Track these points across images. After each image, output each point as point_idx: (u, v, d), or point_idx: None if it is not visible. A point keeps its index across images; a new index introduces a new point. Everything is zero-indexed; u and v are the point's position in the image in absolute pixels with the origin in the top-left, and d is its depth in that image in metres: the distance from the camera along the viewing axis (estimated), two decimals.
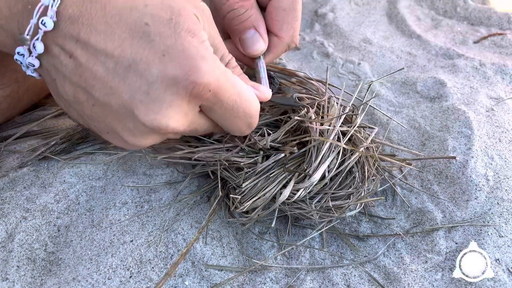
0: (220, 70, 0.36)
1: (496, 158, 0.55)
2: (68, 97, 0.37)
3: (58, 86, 0.37)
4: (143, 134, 0.37)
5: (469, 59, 0.76)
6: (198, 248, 0.46)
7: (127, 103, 0.35)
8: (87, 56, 0.34)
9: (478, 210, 0.50)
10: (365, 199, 0.47)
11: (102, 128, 0.39)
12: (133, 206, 0.50)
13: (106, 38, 0.34)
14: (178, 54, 0.34)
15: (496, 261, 0.46)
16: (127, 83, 0.34)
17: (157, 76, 0.34)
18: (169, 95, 0.34)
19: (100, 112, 0.37)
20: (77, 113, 0.39)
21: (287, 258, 0.47)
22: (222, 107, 0.38)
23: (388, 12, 0.92)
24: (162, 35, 0.34)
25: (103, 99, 0.35)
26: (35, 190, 0.50)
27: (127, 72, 0.34)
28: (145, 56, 0.34)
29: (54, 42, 0.35)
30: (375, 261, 0.47)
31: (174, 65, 0.34)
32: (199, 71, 0.34)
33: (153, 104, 0.34)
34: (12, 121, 0.60)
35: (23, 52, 0.35)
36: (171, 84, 0.34)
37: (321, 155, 0.45)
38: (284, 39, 0.48)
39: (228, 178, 0.48)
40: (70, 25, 0.34)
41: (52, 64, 0.36)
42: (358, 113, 0.51)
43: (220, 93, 0.36)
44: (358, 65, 0.76)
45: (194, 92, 0.35)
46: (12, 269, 0.44)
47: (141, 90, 0.34)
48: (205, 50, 0.35)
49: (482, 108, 0.63)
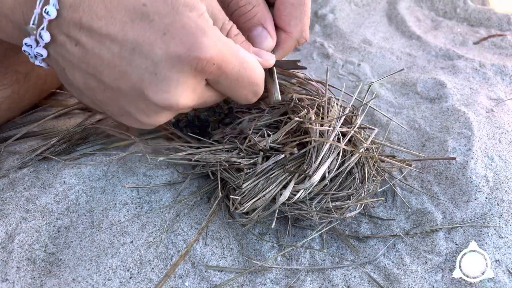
0: (221, 41, 0.36)
1: (496, 159, 0.55)
2: (79, 84, 0.38)
3: (68, 75, 0.38)
4: (156, 113, 0.38)
5: (469, 60, 0.76)
6: (198, 249, 0.46)
7: (137, 85, 0.35)
8: (92, 42, 0.35)
9: (478, 211, 0.50)
10: (365, 200, 0.47)
11: (116, 111, 0.39)
12: (133, 207, 0.50)
13: (107, 23, 0.34)
14: (178, 31, 0.34)
15: (496, 262, 0.45)
16: (133, 65, 0.35)
17: (161, 56, 0.34)
18: (176, 73, 0.35)
19: (112, 96, 0.37)
20: (90, 99, 0.40)
21: (287, 259, 0.47)
22: (227, 78, 0.38)
23: (388, 13, 0.93)
24: (160, 14, 0.34)
25: (113, 83, 0.36)
26: (35, 191, 0.50)
27: (132, 54, 0.35)
28: (147, 37, 0.34)
29: (60, 30, 0.35)
30: (375, 262, 0.47)
31: (176, 43, 0.34)
32: (201, 46, 0.34)
33: (161, 84, 0.35)
34: (13, 122, 0.60)
35: (31, 42, 0.36)
36: (176, 62, 0.34)
37: (321, 156, 0.45)
38: (293, 35, 0.47)
39: (228, 179, 0.48)
40: (72, 12, 0.34)
41: (60, 53, 0.36)
42: (358, 114, 0.51)
43: (224, 65, 0.37)
44: (358, 66, 0.76)
45: (198, 67, 0.35)
46: (12, 270, 0.44)
47: (148, 71, 0.35)
48: (205, 23, 0.35)
49: (482, 109, 0.63)
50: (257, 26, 0.46)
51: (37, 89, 0.60)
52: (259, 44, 0.47)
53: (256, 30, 0.46)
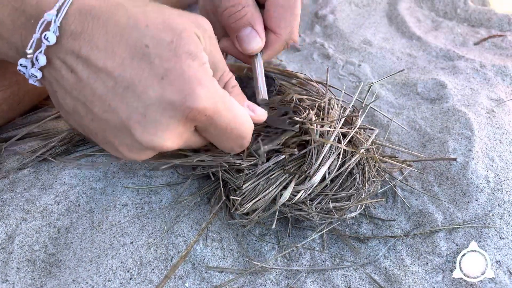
0: (217, 94, 0.36)
1: (496, 159, 0.55)
2: (68, 108, 0.38)
3: (59, 98, 0.38)
4: (139, 150, 0.38)
5: (470, 60, 0.76)
6: (198, 249, 0.46)
7: (125, 122, 0.35)
8: (87, 72, 0.35)
9: (479, 212, 0.50)
10: (365, 200, 0.47)
11: (100, 140, 0.39)
12: (133, 207, 0.50)
13: (106, 56, 0.34)
14: (176, 78, 0.34)
15: (497, 263, 0.45)
16: (125, 102, 0.35)
17: (155, 99, 0.34)
18: (166, 118, 0.35)
19: (98, 127, 0.37)
20: (77, 124, 0.40)
21: (287, 260, 0.47)
22: (216, 129, 0.38)
23: (388, 13, 0.92)
24: (162, 58, 0.34)
25: (102, 115, 0.36)
26: (35, 191, 0.50)
27: (125, 92, 0.34)
28: (144, 78, 0.34)
29: (56, 56, 0.35)
30: (375, 263, 0.47)
31: (172, 89, 0.34)
32: (197, 97, 0.34)
33: (149, 126, 0.35)
34: (12, 122, 0.60)
35: (26, 64, 0.36)
36: (168, 107, 0.34)
37: (321, 157, 0.45)
38: (282, 36, 0.48)
39: (229, 179, 0.48)
40: (72, 41, 0.34)
41: (54, 76, 0.36)
42: (359, 115, 0.51)
43: (216, 117, 0.37)
44: (359, 67, 0.76)
45: (190, 116, 0.35)
46: (12, 271, 0.43)
47: (139, 111, 0.34)
48: (204, 74, 0.35)
49: (483, 110, 0.63)
50: (246, 26, 0.46)
51: (37, 90, 0.60)
52: (248, 44, 0.47)
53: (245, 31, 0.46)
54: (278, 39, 0.48)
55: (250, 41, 0.46)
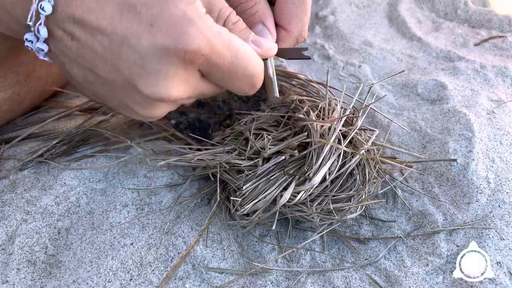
0: (212, 32, 0.35)
1: (497, 160, 0.55)
2: (79, 78, 0.38)
3: (68, 69, 0.38)
4: (152, 105, 0.37)
5: (470, 61, 0.76)
6: (199, 250, 0.46)
7: (128, 78, 0.35)
8: (85, 36, 0.35)
9: (479, 213, 0.50)
10: (366, 201, 0.47)
11: (117, 104, 0.39)
12: (134, 208, 0.50)
13: (98, 16, 0.34)
14: (165, 22, 0.34)
15: (497, 264, 0.45)
16: (123, 58, 0.34)
17: (148, 48, 0.34)
18: (163, 66, 0.34)
19: (110, 89, 0.37)
20: (91, 92, 0.40)
21: (287, 261, 0.47)
22: (219, 70, 0.37)
23: (389, 14, 0.92)
24: (147, 5, 0.34)
25: (108, 76, 0.36)
26: (35, 192, 0.50)
27: (121, 48, 0.34)
28: (134, 30, 0.34)
29: (56, 25, 0.35)
30: (376, 264, 0.47)
31: (162, 35, 0.34)
32: (188, 37, 0.34)
33: (150, 77, 0.34)
34: (13, 123, 0.60)
35: (31, 38, 0.36)
36: (163, 54, 0.34)
37: (321, 158, 0.45)
38: (293, 33, 0.47)
39: (229, 180, 0.48)
40: (66, 7, 0.34)
41: (58, 47, 0.36)
42: (359, 116, 0.51)
43: (214, 57, 0.36)
44: (359, 68, 0.76)
45: (187, 59, 0.34)
46: (12, 272, 0.43)
47: (137, 64, 0.34)
48: (194, 12, 0.35)
49: (483, 111, 0.63)
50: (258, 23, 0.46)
51: (38, 91, 0.60)
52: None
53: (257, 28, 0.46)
54: (289, 35, 0.47)
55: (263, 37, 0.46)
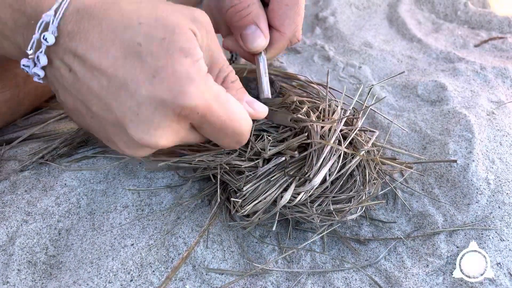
0: (210, 92, 0.36)
1: (497, 161, 0.55)
2: (70, 106, 0.39)
3: (60, 96, 0.39)
4: (136, 148, 0.38)
5: (470, 62, 0.76)
6: (199, 251, 0.46)
7: (119, 120, 0.35)
8: (84, 71, 0.35)
9: (479, 214, 0.50)
10: (366, 202, 0.47)
11: (102, 136, 0.40)
12: (134, 209, 0.50)
13: (100, 55, 0.34)
14: (167, 76, 0.34)
15: (497, 265, 0.45)
16: (119, 101, 0.35)
17: (146, 97, 0.34)
18: (158, 117, 0.35)
19: (98, 124, 0.38)
20: (79, 121, 0.40)
21: (288, 262, 0.47)
22: (210, 127, 0.38)
23: (389, 15, 0.93)
24: (153, 56, 0.34)
25: (100, 113, 0.36)
26: (36, 193, 0.50)
27: (119, 91, 0.35)
28: (136, 77, 0.34)
29: (56, 55, 0.36)
30: (376, 265, 0.47)
31: (163, 87, 0.34)
32: (187, 95, 0.34)
33: (142, 124, 0.35)
34: (13, 124, 0.60)
35: (28, 64, 0.37)
36: (160, 106, 0.34)
37: (322, 159, 0.45)
38: (286, 34, 0.47)
39: (229, 181, 0.48)
40: (69, 41, 0.35)
41: (54, 75, 0.37)
42: (359, 117, 0.51)
43: (209, 115, 0.37)
44: (359, 69, 0.76)
45: (182, 114, 0.35)
46: (13, 273, 0.43)
47: (131, 110, 0.35)
48: (196, 71, 0.35)
49: (483, 112, 0.63)
50: (250, 24, 0.46)
51: (37, 92, 0.61)
52: (252, 42, 0.47)
53: (250, 29, 0.46)
54: (282, 37, 0.48)
55: (254, 39, 0.46)
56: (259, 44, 0.47)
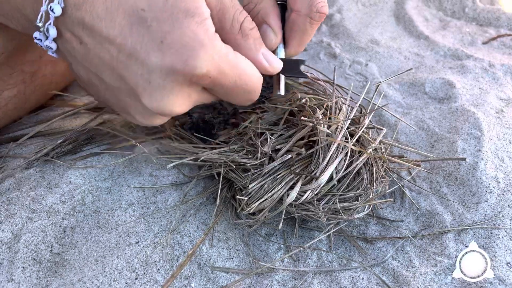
0: (220, 54, 0.36)
1: (506, 160, 0.54)
2: (84, 79, 0.39)
3: (74, 69, 0.39)
4: (152, 116, 0.38)
5: (478, 60, 0.75)
6: (204, 250, 0.46)
7: (133, 89, 0.35)
8: (94, 42, 0.35)
9: (489, 213, 0.49)
10: (373, 201, 0.46)
11: (118, 108, 0.40)
12: (139, 207, 0.49)
13: (107, 25, 0.34)
14: (175, 41, 0.34)
15: (507, 265, 0.45)
16: (130, 70, 0.35)
17: (156, 64, 0.34)
18: (170, 82, 0.35)
19: (113, 95, 0.38)
20: (95, 94, 0.41)
21: (294, 261, 0.47)
22: (222, 88, 0.38)
23: (396, 12, 0.92)
24: (159, 20, 0.34)
25: (113, 84, 0.36)
26: (41, 191, 0.50)
27: (129, 60, 0.34)
28: (144, 44, 0.34)
29: (66, 27, 0.35)
30: (383, 264, 0.46)
31: (172, 53, 0.34)
32: (197, 60, 0.34)
33: (155, 92, 0.35)
34: (19, 121, 0.60)
35: (40, 37, 0.36)
36: (170, 72, 0.34)
37: (328, 156, 0.44)
38: (301, 11, 0.45)
39: (235, 179, 0.47)
40: (76, 11, 0.34)
41: (66, 48, 0.37)
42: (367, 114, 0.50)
43: (220, 78, 0.36)
44: (366, 66, 0.75)
45: (194, 79, 0.35)
46: (18, 270, 0.43)
47: (143, 77, 0.35)
48: (204, 33, 0.35)
49: (492, 110, 0.62)
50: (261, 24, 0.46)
51: (43, 89, 0.60)
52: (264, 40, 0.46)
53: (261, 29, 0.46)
54: (299, 16, 0.45)
55: (265, 37, 0.45)
56: (271, 41, 0.46)
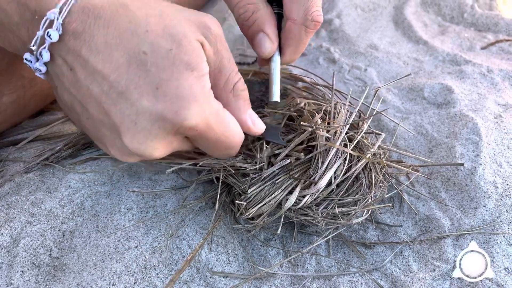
0: (210, 110, 0.36)
1: (504, 165, 0.54)
2: (67, 104, 0.39)
3: (59, 93, 0.39)
4: (128, 155, 0.38)
5: (477, 65, 0.75)
6: (203, 254, 0.46)
7: (116, 126, 0.35)
8: (85, 73, 0.35)
9: (487, 218, 0.49)
10: (372, 206, 0.46)
11: (94, 137, 0.40)
12: (138, 211, 0.49)
13: (104, 59, 0.34)
14: (171, 90, 0.34)
15: (505, 270, 0.45)
16: (118, 108, 0.35)
17: (146, 109, 0.34)
18: (156, 129, 0.35)
19: (93, 126, 0.38)
20: (74, 119, 0.41)
21: (292, 266, 0.47)
22: (205, 141, 0.39)
23: (395, 18, 0.92)
24: (158, 67, 0.34)
25: (97, 116, 0.36)
26: (40, 195, 0.50)
27: (119, 98, 0.34)
28: (138, 86, 0.34)
29: (59, 53, 0.35)
30: (382, 269, 0.46)
31: (164, 102, 0.34)
32: (188, 113, 0.34)
33: (139, 134, 0.35)
34: (19, 126, 0.60)
35: (31, 59, 0.36)
36: (160, 119, 0.34)
37: (327, 161, 0.44)
38: (297, 21, 0.46)
39: (234, 184, 0.48)
40: (73, 40, 0.34)
41: (55, 72, 0.37)
42: (366, 119, 0.50)
43: (206, 132, 0.37)
44: (365, 71, 0.76)
45: (180, 130, 0.35)
46: (17, 274, 0.43)
47: (130, 118, 0.35)
48: (200, 88, 0.35)
49: (490, 115, 0.62)
50: (258, 32, 0.46)
51: (43, 94, 0.61)
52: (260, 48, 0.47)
53: (258, 37, 0.46)
54: (294, 24, 0.46)
55: (261, 45, 0.46)
56: (267, 49, 0.46)
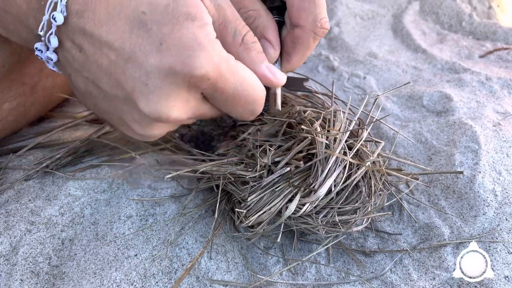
0: (220, 58, 0.35)
1: (504, 173, 0.55)
2: (82, 90, 0.38)
3: (72, 80, 0.38)
4: (150, 125, 0.37)
5: (475, 73, 0.76)
6: (203, 262, 0.46)
7: (130, 95, 0.35)
8: (93, 49, 0.35)
9: (487, 226, 0.49)
10: (371, 214, 0.46)
11: (116, 120, 0.39)
12: (138, 219, 0.49)
13: (108, 29, 0.34)
14: (175, 43, 0.34)
15: (505, 278, 0.45)
16: (127, 74, 0.34)
17: (154, 66, 0.34)
18: (167, 85, 0.34)
19: (110, 104, 0.37)
20: (92, 105, 0.40)
21: (292, 274, 0.47)
22: (222, 95, 0.37)
23: (393, 26, 0.93)
24: (159, 23, 0.34)
25: (111, 91, 0.36)
26: (40, 202, 0.50)
27: (127, 63, 0.34)
28: (143, 47, 0.34)
29: (66, 36, 0.36)
30: (382, 277, 0.46)
31: (171, 55, 0.33)
32: (196, 61, 0.34)
33: (152, 94, 0.34)
34: (19, 133, 0.60)
35: (41, 47, 0.36)
36: (169, 74, 0.34)
37: (327, 169, 0.44)
38: (306, 27, 0.45)
39: (234, 191, 0.48)
40: (78, 19, 0.35)
41: (66, 58, 0.37)
42: (365, 127, 0.51)
43: (220, 82, 0.36)
44: (364, 79, 0.76)
45: (192, 82, 0.34)
46: (16, 283, 0.43)
47: (141, 80, 0.34)
48: (204, 36, 0.34)
49: (489, 123, 0.62)
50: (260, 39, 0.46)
51: (43, 102, 0.61)
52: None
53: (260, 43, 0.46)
54: (303, 31, 0.45)
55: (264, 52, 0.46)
56: (270, 55, 0.46)
